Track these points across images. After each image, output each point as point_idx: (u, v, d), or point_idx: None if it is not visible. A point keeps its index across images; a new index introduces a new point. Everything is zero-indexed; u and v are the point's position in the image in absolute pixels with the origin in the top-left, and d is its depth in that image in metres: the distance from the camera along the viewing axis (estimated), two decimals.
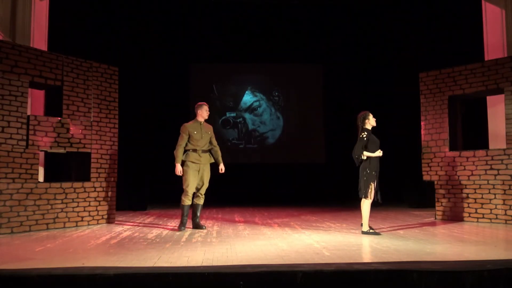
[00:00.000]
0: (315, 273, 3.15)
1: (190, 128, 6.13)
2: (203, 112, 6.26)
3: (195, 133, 6.12)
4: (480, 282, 3.15)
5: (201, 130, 6.18)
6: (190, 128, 6.13)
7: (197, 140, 6.11)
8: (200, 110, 6.27)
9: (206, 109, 6.30)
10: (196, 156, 6.10)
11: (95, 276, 3.04)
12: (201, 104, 6.33)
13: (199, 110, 6.27)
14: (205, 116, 6.29)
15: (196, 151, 6.11)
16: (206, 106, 6.32)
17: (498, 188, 6.81)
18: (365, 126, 5.63)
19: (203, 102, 6.39)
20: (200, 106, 6.30)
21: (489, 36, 8.05)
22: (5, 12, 7.34)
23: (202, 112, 6.26)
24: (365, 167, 5.51)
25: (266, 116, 13.23)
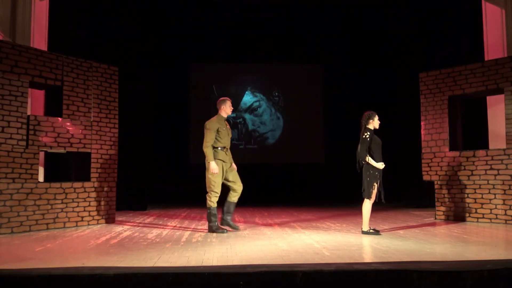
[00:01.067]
0: (315, 273, 3.15)
1: (219, 124, 5.82)
2: (226, 107, 5.94)
3: (223, 130, 5.82)
4: (480, 282, 3.15)
5: (226, 126, 5.92)
6: (219, 124, 5.81)
7: (224, 136, 5.84)
8: (224, 105, 5.94)
9: (230, 104, 5.99)
10: (223, 154, 5.83)
11: (95, 276, 3.04)
12: (224, 99, 5.99)
13: (223, 105, 5.94)
14: (229, 111, 5.99)
15: (223, 148, 5.84)
16: (229, 102, 5.99)
17: (498, 188, 6.81)
18: (368, 125, 5.63)
19: (226, 97, 6.05)
20: (224, 101, 5.96)
21: (489, 36, 8.05)
22: (5, 12, 7.34)
23: (226, 108, 5.94)
24: (368, 168, 5.51)
25: (266, 117, 13.23)
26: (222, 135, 5.81)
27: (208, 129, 5.77)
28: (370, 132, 5.58)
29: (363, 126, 5.66)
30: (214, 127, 5.77)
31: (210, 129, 5.76)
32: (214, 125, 5.78)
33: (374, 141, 5.56)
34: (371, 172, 5.48)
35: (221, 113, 5.96)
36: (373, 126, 5.65)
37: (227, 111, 5.97)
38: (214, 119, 5.88)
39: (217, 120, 5.86)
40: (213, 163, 5.66)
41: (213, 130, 5.76)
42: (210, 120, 5.87)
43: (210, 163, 5.67)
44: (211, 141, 5.73)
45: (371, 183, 5.48)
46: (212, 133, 5.75)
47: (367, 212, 5.55)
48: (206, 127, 5.80)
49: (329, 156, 12.85)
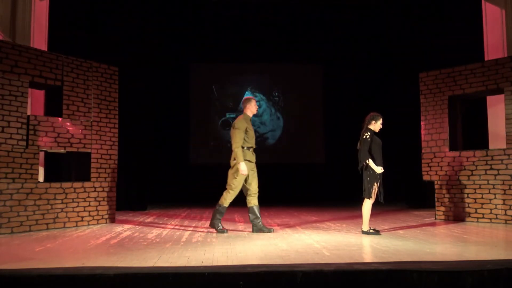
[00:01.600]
0: (315, 273, 3.15)
1: (247, 123, 5.69)
2: (252, 106, 5.84)
3: (250, 130, 5.69)
4: (480, 282, 3.15)
5: (250, 125, 5.78)
6: (247, 124, 5.68)
7: (252, 137, 5.73)
8: (249, 104, 5.83)
9: (255, 103, 5.88)
10: (250, 155, 5.74)
11: (95, 276, 3.04)
12: (249, 99, 5.88)
13: (248, 104, 5.83)
14: (254, 110, 5.87)
15: (250, 148, 5.73)
16: (254, 101, 5.90)
17: (498, 188, 6.81)
18: (370, 126, 5.63)
19: (251, 96, 5.95)
20: (249, 101, 5.85)
21: (489, 36, 8.05)
22: (5, 12, 7.34)
23: (251, 107, 5.83)
24: (369, 168, 5.51)
25: (266, 117, 13.23)
26: (249, 135, 5.71)
27: (237, 129, 5.65)
28: (371, 133, 5.58)
29: (365, 125, 5.66)
30: (243, 126, 5.65)
31: (239, 128, 5.63)
32: (243, 124, 5.66)
33: (374, 142, 5.56)
34: (371, 172, 5.48)
35: (247, 112, 5.85)
36: (374, 128, 5.65)
37: (252, 110, 5.86)
38: (242, 119, 5.75)
39: (245, 120, 5.75)
40: (242, 164, 5.55)
41: (242, 129, 5.63)
42: (238, 120, 5.75)
43: (240, 164, 5.55)
44: (241, 141, 5.62)
45: (371, 183, 5.48)
46: (241, 132, 5.62)
47: (367, 212, 5.55)
48: (235, 126, 5.69)
49: (329, 156, 12.85)
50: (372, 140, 5.54)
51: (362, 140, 5.57)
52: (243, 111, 5.90)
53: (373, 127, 5.64)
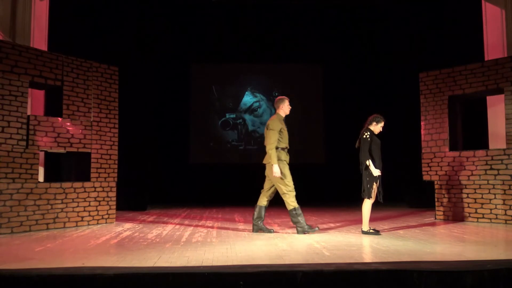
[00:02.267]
0: (315, 273, 3.15)
1: (281, 124, 5.64)
2: (285, 106, 5.76)
3: (285, 130, 5.65)
4: (480, 282, 3.15)
5: (285, 127, 5.72)
6: (281, 124, 5.63)
7: (285, 137, 5.68)
8: (282, 104, 5.75)
9: (288, 103, 5.80)
10: (285, 155, 5.69)
11: (95, 276, 3.04)
12: (282, 99, 5.81)
13: (281, 104, 5.76)
14: (287, 111, 5.80)
15: (285, 149, 5.69)
16: (287, 100, 5.79)
17: (498, 188, 6.81)
18: (370, 126, 5.63)
19: (284, 96, 5.84)
20: (282, 101, 5.78)
21: (489, 36, 8.05)
22: (5, 12, 7.35)
23: (284, 107, 5.76)
24: (368, 168, 5.51)
25: (266, 117, 13.20)
26: (283, 135, 5.65)
27: (272, 130, 5.58)
28: (371, 133, 5.58)
29: (366, 125, 5.66)
30: (278, 127, 5.59)
31: (274, 129, 5.57)
32: (278, 125, 5.61)
33: (374, 142, 5.56)
34: (370, 172, 5.49)
35: (280, 113, 5.79)
36: (374, 129, 5.65)
37: (285, 110, 5.80)
38: (276, 119, 5.69)
39: (279, 120, 5.70)
40: (276, 166, 5.49)
41: (277, 130, 5.58)
42: (272, 120, 5.68)
43: (274, 166, 5.50)
44: (275, 142, 5.56)
45: (370, 183, 5.48)
46: (276, 133, 5.57)
47: (367, 212, 5.55)
48: (269, 127, 5.62)
49: (329, 156, 12.85)
50: (372, 140, 5.54)
51: (361, 140, 5.57)
52: (276, 111, 5.83)
53: (374, 128, 5.65)
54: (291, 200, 5.64)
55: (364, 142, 5.52)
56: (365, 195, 5.53)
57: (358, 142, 5.64)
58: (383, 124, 5.69)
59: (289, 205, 5.65)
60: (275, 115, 5.78)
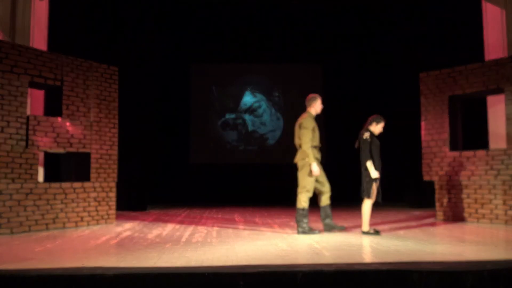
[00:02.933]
0: (315, 273, 3.15)
1: (314, 123, 5.62)
2: (317, 105, 5.72)
3: (317, 128, 5.62)
4: (480, 282, 3.15)
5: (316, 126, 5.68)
6: (314, 123, 5.62)
7: (317, 135, 5.66)
8: (315, 102, 5.71)
9: (320, 102, 5.74)
10: (316, 153, 5.68)
11: (95, 276, 3.04)
12: (315, 97, 5.76)
13: (313, 103, 5.72)
14: (319, 110, 5.76)
15: (316, 147, 5.67)
16: (320, 99, 5.74)
17: (499, 188, 6.80)
18: (370, 127, 5.63)
19: (316, 94, 5.80)
20: (315, 99, 5.73)
21: (489, 36, 8.05)
22: (5, 12, 7.34)
23: (316, 105, 5.72)
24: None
25: (266, 117, 13.22)
26: (316, 134, 5.64)
27: (305, 128, 5.57)
28: (371, 134, 5.58)
29: (366, 126, 5.66)
30: (311, 125, 5.59)
31: (307, 128, 5.56)
32: (311, 123, 5.60)
33: (373, 143, 5.55)
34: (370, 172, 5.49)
35: (311, 111, 5.76)
36: (374, 130, 5.64)
37: (317, 109, 5.75)
38: (308, 117, 5.67)
39: (311, 118, 5.68)
40: (314, 165, 5.50)
41: (310, 129, 5.57)
42: (304, 119, 5.66)
43: (312, 164, 5.50)
44: (310, 141, 5.55)
45: (370, 183, 5.48)
46: (310, 132, 5.56)
47: (367, 212, 5.55)
48: (303, 125, 5.61)
49: (329, 156, 12.83)
50: (371, 141, 5.53)
51: (361, 141, 5.56)
52: (307, 109, 5.79)
53: (373, 129, 5.64)
54: (304, 199, 5.65)
55: (364, 143, 5.51)
56: (365, 195, 5.52)
57: (357, 143, 5.63)
58: (383, 124, 5.69)
59: (300, 203, 5.67)
60: (306, 113, 5.75)
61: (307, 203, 5.67)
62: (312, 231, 5.66)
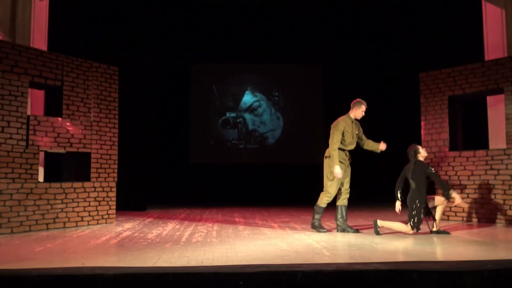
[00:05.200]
0: (315, 273, 3.15)
1: (345, 124, 5.66)
2: (358, 111, 5.71)
3: (348, 132, 5.66)
4: (480, 282, 3.15)
5: (352, 129, 5.71)
6: (345, 125, 5.65)
7: (348, 139, 5.68)
8: (357, 107, 5.69)
9: (363, 109, 5.70)
10: (343, 156, 5.70)
11: (95, 276, 3.04)
12: (360, 102, 5.72)
13: (356, 107, 5.70)
14: (359, 116, 5.74)
15: (344, 150, 5.70)
16: (364, 106, 5.70)
17: (498, 188, 6.80)
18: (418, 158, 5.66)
19: (361, 100, 5.74)
20: (359, 104, 5.70)
21: (489, 36, 8.05)
22: (5, 12, 7.34)
23: (358, 111, 5.71)
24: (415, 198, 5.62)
25: (266, 116, 13.23)
26: (346, 137, 5.67)
27: (335, 129, 5.65)
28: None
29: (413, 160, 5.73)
30: (341, 127, 5.63)
31: (338, 129, 5.63)
32: (342, 125, 5.65)
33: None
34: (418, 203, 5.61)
35: (350, 114, 5.78)
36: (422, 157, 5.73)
37: (357, 114, 5.74)
38: (341, 119, 5.72)
39: (344, 121, 5.71)
40: (337, 167, 5.53)
41: (340, 131, 5.62)
42: (337, 120, 5.73)
43: (335, 167, 5.54)
44: (338, 142, 5.60)
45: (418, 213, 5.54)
46: (339, 134, 5.62)
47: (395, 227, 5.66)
48: (334, 126, 5.68)
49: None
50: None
51: (432, 175, 5.68)
52: (348, 112, 5.80)
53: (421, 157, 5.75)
54: (324, 200, 5.75)
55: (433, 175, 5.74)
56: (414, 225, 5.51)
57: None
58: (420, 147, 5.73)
59: (320, 201, 5.77)
60: (345, 115, 5.78)
61: (325, 204, 5.77)
62: (320, 228, 5.74)
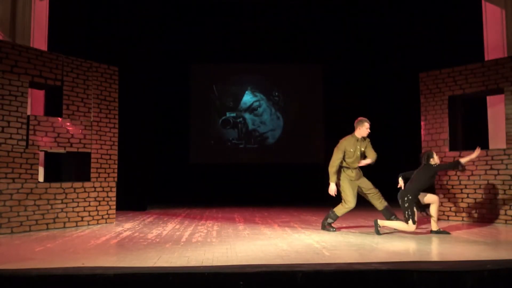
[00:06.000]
0: (315, 273, 3.16)
1: (347, 145, 5.81)
2: (362, 129, 5.84)
3: (350, 151, 5.79)
4: (480, 282, 3.15)
5: (355, 148, 5.83)
6: (347, 146, 5.81)
7: (350, 157, 5.82)
8: (361, 126, 5.84)
9: (367, 126, 5.83)
10: (350, 173, 5.87)
11: (95, 276, 3.04)
12: (361, 120, 5.88)
13: (359, 126, 5.86)
14: (364, 134, 5.85)
15: (349, 168, 5.86)
16: (367, 124, 5.84)
17: (498, 188, 6.81)
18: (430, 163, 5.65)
19: (364, 118, 5.89)
20: (361, 123, 5.86)
21: (489, 36, 8.05)
22: (5, 12, 7.34)
23: (362, 130, 5.84)
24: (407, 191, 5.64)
25: (266, 116, 13.22)
26: (347, 156, 5.81)
27: (336, 148, 5.85)
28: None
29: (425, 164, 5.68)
30: (341, 147, 5.81)
31: (339, 148, 5.82)
32: (342, 145, 5.82)
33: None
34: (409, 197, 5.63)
35: (355, 133, 5.91)
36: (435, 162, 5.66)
37: (362, 132, 5.86)
38: (344, 139, 5.89)
39: (347, 140, 5.87)
40: (332, 185, 5.78)
41: (340, 150, 5.79)
42: (340, 141, 5.90)
43: (330, 184, 5.80)
44: (337, 161, 5.79)
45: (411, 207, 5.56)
46: (338, 153, 5.79)
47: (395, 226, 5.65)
48: (338, 145, 5.87)
49: (329, 156, 12.81)
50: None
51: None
52: (354, 131, 5.94)
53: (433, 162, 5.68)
54: (342, 210, 5.88)
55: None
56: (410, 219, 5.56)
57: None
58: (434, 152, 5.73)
59: (337, 209, 5.91)
60: (350, 135, 5.93)
61: (341, 213, 5.92)
62: (330, 228, 5.88)
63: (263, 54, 12.63)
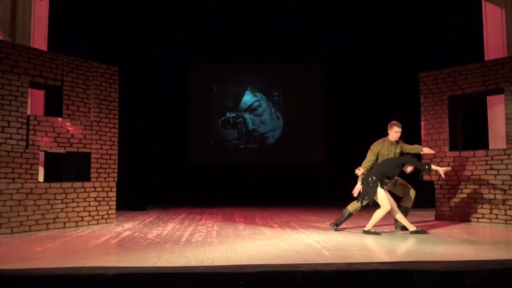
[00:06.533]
0: (315, 273, 3.16)
1: (381, 148, 5.88)
2: (392, 132, 5.91)
3: (384, 154, 5.86)
4: (480, 282, 3.15)
5: (389, 151, 5.89)
6: (381, 149, 5.88)
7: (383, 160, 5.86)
8: (390, 130, 5.93)
9: (396, 130, 5.87)
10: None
11: (95, 276, 3.04)
12: (391, 124, 5.95)
13: (389, 130, 5.95)
14: (394, 138, 5.90)
15: None
16: (396, 127, 5.88)
17: (498, 188, 6.81)
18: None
19: (395, 122, 5.95)
20: (391, 127, 5.94)
21: (489, 36, 8.05)
22: (5, 12, 7.35)
23: (391, 133, 5.91)
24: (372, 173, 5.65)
25: (266, 116, 13.23)
26: (381, 158, 5.87)
27: (370, 150, 5.92)
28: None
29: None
30: (375, 149, 5.89)
31: (372, 150, 5.91)
32: (375, 148, 5.90)
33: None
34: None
35: (388, 136, 5.99)
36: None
37: (392, 136, 5.93)
38: (377, 142, 5.95)
39: (380, 144, 5.93)
40: (358, 185, 5.79)
41: (374, 152, 5.88)
42: (375, 143, 5.96)
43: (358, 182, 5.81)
44: (368, 162, 5.85)
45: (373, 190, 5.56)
46: (371, 155, 5.88)
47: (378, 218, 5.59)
48: (371, 147, 5.94)
49: (329, 156, 12.85)
50: None
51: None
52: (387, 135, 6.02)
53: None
54: (354, 207, 5.93)
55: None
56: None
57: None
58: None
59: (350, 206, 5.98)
60: (383, 138, 6.00)
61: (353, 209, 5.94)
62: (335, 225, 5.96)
63: (263, 54, 12.63)
